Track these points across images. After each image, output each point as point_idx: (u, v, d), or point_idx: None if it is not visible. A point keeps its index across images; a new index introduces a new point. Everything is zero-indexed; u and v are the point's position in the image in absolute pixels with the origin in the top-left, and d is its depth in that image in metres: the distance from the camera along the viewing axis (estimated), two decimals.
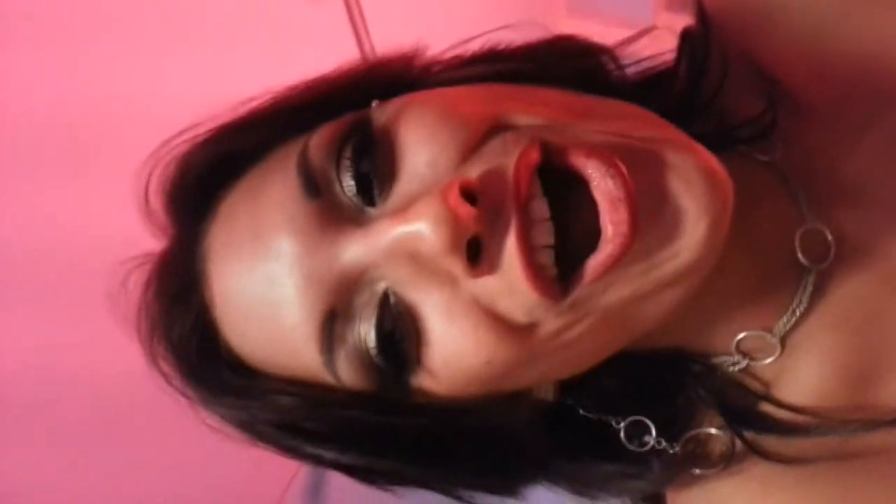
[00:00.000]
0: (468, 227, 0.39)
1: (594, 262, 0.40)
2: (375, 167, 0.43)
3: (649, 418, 0.51)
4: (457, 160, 0.42)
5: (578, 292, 0.41)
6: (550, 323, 0.42)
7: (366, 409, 0.46)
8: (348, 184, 0.44)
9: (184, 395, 0.50)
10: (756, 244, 0.50)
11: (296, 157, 0.45)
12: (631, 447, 0.51)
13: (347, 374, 0.45)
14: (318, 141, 0.45)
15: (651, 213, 0.40)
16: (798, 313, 0.50)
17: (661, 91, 0.54)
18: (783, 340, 0.50)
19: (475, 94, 0.47)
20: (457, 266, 0.40)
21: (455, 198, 0.39)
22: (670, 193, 0.40)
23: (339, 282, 0.43)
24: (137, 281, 0.52)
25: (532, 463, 0.52)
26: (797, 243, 0.49)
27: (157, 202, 0.51)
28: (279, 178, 0.45)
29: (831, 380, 0.50)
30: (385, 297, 0.43)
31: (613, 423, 0.51)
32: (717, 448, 0.51)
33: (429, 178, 0.42)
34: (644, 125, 0.44)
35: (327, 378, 0.45)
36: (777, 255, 0.50)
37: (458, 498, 0.50)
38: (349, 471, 0.49)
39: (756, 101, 0.53)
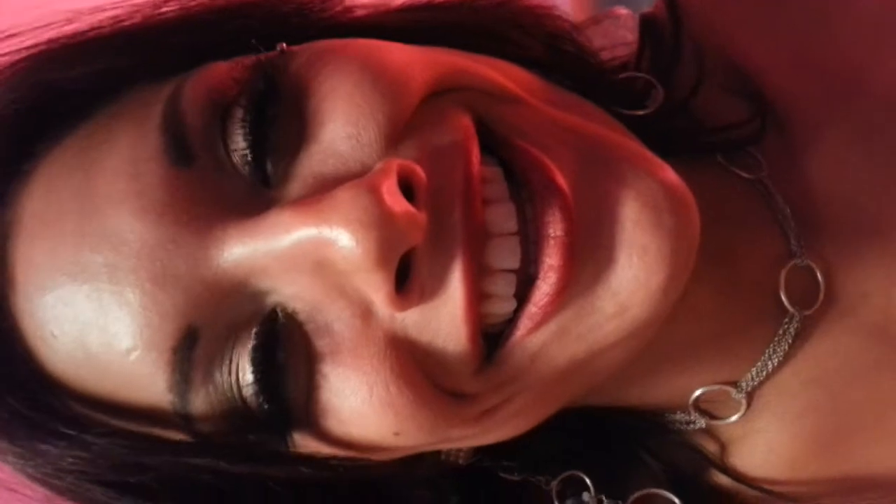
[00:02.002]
0: (407, 237, 0.30)
1: (523, 315, 0.34)
2: (277, 131, 0.33)
3: (586, 474, 0.44)
4: (388, 132, 0.33)
5: (505, 357, 0.34)
6: (483, 396, 0.35)
7: (225, 459, 0.35)
8: (238, 146, 0.33)
9: None
10: (729, 281, 0.43)
11: (161, 105, 0.34)
12: None
13: (206, 416, 0.34)
14: (197, 87, 0.34)
15: (593, 248, 0.33)
16: (771, 366, 0.43)
17: (617, 88, 0.47)
18: (750, 395, 0.44)
19: (413, 50, 0.37)
20: (379, 289, 0.31)
21: (393, 192, 0.30)
22: (620, 222, 0.33)
23: (209, 290, 0.32)
24: None
25: None
26: (782, 282, 0.42)
27: None
28: (131, 132, 0.34)
29: (801, 445, 0.44)
30: (273, 314, 0.33)
31: (543, 483, 0.44)
32: None
33: (349, 156, 0.33)
34: (603, 129, 0.37)
35: (174, 417, 0.34)
36: (754, 295, 0.43)
37: None
38: None
39: (735, 106, 0.46)
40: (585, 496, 0.43)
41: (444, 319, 0.32)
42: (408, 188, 0.31)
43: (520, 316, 0.33)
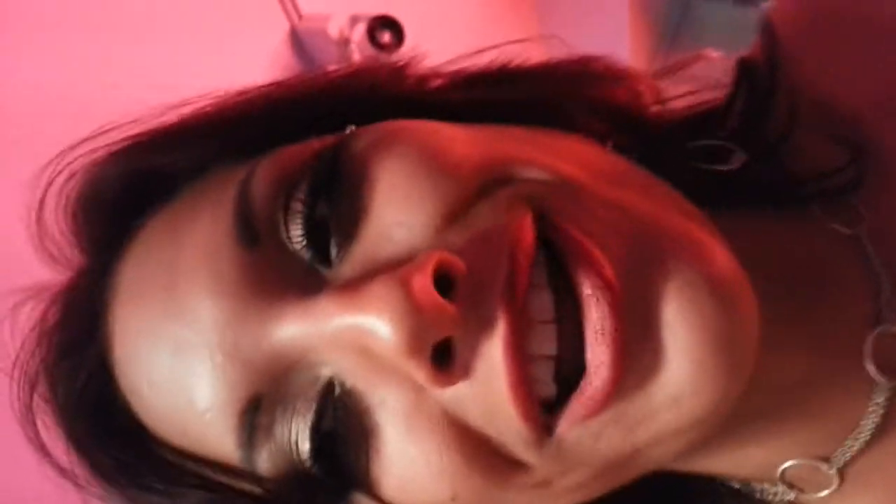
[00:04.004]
0: (436, 328, 0.31)
1: (576, 403, 0.33)
2: (337, 213, 0.34)
3: None
4: (438, 223, 0.33)
5: (564, 434, 0.33)
6: (540, 468, 0.34)
7: None
8: (296, 234, 0.35)
9: (64, 472, 0.40)
10: (813, 349, 0.40)
11: (234, 190, 0.36)
12: None
13: (271, 476, 0.35)
14: (266, 172, 0.36)
15: (641, 343, 0.32)
16: (863, 440, 0.40)
17: (705, 134, 0.44)
18: (842, 471, 0.41)
19: (473, 135, 0.37)
20: (418, 372, 0.31)
21: (424, 286, 0.30)
22: (664, 320, 0.32)
23: (270, 363, 0.34)
24: (16, 319, 0.42)
25: None
26: (869, 349, 0.39)
27: (52, 222, 0.42)
28: (210, 211, 0.36)
29: None
30: (329, 386, 0.34)
31: None
32: None
33: (400, 242, 0.33)
34: (661, 211, 0.35)
35: (245, 472, 0.36)
36: (842, 362, 0.40)
37: None
38: None
39: (832, 155, 0.43)
40: None
41: (495, 397, 0.32)
42: (448, 281, 0.31)
43: (573, 401, 0.33)
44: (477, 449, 0.33)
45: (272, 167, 0.36)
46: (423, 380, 0.31)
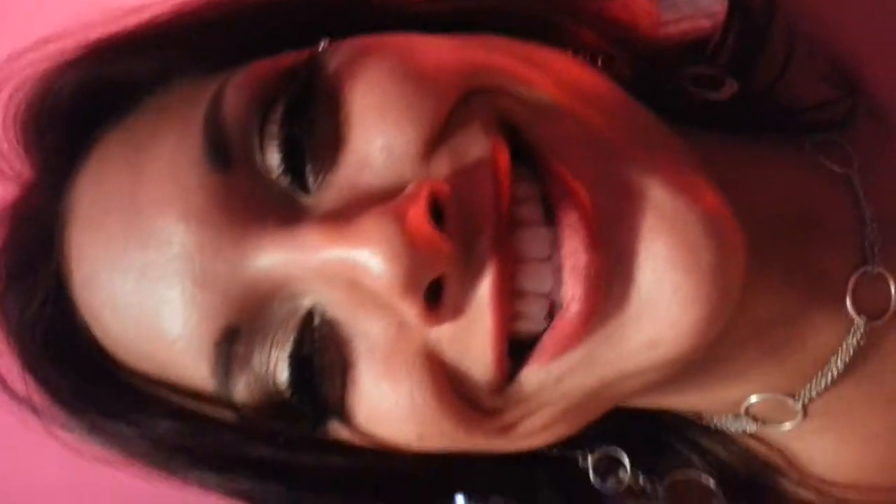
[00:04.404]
0: (431, 266, 0.30)
1: (548, 341, 0.33)
2: (313, 137, 0.33)
3: (624, 452, 0.43)
4: (419, 147, 0.32)
5: (528, 377, 0.33)
6: (505, 412, 0.34)
7: (263, 442, 0.37)
8: (272, 157, 0.33)
9: (20, 400, 0.39)
10: (795, 285, 0.39)
11: (203, 107, 0.34)
12: (601, 487, 0.43)
13: (247, 404, 0.35)
14: (237, 91, 0.34)
15: (620, 280, 0.31)
16: (832, 377, 0.40)
17: (697, 62, 0.43)
18: (806, 406, 0.41)
19: (457, 45, 0.36)
20: (410, 310, 0.31)
21: (419, 219, 0.30)
22: (651, 258, 0.31)
23: (247, 292, 0.33)
24: None
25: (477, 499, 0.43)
26: (850, 288, 0.39)
27: (2, 134, 0.40)
28: (176, 131, 0.34)
29: (855, 461, 0.41)
30: (309, 316, 0.33)
31: (580, 459, 0.43)
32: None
33: (383, 168, 0.32)
34: (649, 143, 0.34)
35: (219, 399, 0.35)
36: (820, 300, 0.40)
37: None
38: (240, 498, 0.40)
39: (827, 93, 0.43)
40: (622, 473, 0.43)
41: (475, 338, 0.32)
42: (437, 209, 0.30)
43: (544, 342, 0.33)
44: (450, 392, 0.33)
45: (244, 85, 0.34)
46: (413, 317, 0.31)
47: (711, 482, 0.42)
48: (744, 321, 0.37)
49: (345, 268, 0.31)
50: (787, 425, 0.42)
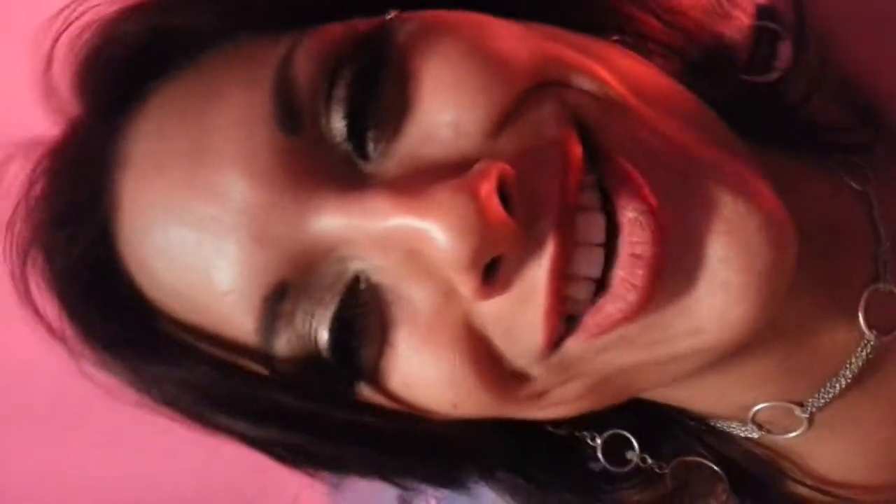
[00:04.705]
0: (497, 245, 0.31)
1: (591, 321, 0.33)
2: (378, 105, 0.33)
3: (632, 434, 0.44)
4: (487, 127, 0.33)
5: (570, 348, 0.34)
6: (540, 379, 0.35)
7: (299, 397, 0.37)
8: (336, 121, 0.33)
9: (60, 338, 0.39)
10: (814, 298, 0.40)
11: (273, 69, 0.34)
12: (610, 467, 0.44)
13: (286, 359, 0.35)
14: (309, 54, 0.34)
15: (675, 273, 0.32)
16: (839, 388, 0.41)
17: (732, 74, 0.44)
18: (812, 416, 0.42)
19: (526, 33, 0.36)
20: (466, 284, 0.31)
21: (491, 198, 0.30)
22: (706, 255, 0.32)
23: (302, 252, 0.34)
24: (18, 175, 0.40)
25: (485, 471, 0.45)
26: (863, 303, 0.41)
27: (62, 76, 0.39)
28: (245, 90, 0.34)
29: (857, 467, 0.43)
30: (355, 281, 0.34)
31: (588, 439, 0.44)
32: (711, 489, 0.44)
33: (448, 144, 0.33)
34: (710, 141, 0.35)
35: (258, 354, 0.36)
36: (836, 312, 0.41)
37: (397, 485, 0.44)
38: (265, 450, 0.40)
39: (849, 118, 0.45)
40: (629, 454, 0.44)
41: (525, 317, 0.33)
42: (504, 190, 0.31)
43: (592, 317, 0.33)
44: (489, 364, 0.34)
45: (315, 49, 0.34)
46: (468, 291, 0.31)
47: (717, 468, 0.44)
48: (766, 325, 0.38)
49: (408, 236, 0.31)
50: (792, 434, 0.43)
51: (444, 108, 0.33)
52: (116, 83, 0.38)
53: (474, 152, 0.32)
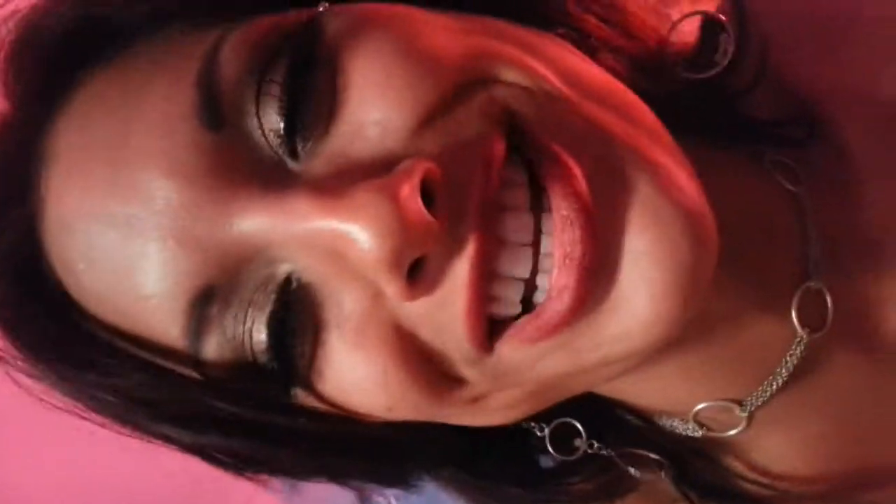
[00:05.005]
0: (419, 245, 0.30)
1: (529, 325, 0.33)
2: (310, 105, 0.32)
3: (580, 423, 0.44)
4: (414, 125, 0.32)
5: (506, 355, 0.34)
6: (476, 384, 0.35)
7: (233, 402, 0.36)
8: (271, 120, 0.33)
9: None
10: (744, 296, 0.41)
11: (199, 61, 0.33)
12: (558, 455, 0.44)
13: (216, 363, 0.35)
14: (237, 46, 0.33)
15: (602, 271, 0.32)
16: (776, 386, 0.42)
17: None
18: (751, 414, 0.43)
19: (459, 27, 0.35)
20: (390, 285, 0.31)
21: (412, 199, 0.30)
22: (632, 251, 0.32)
23: (226, 254, 0.33)
24: None
25: (430, 468, 0.45)
26: (795, 301, 0.41)
27: None
28: (168, 83, 0.34)
29: (796, 459, 0.43)
30: (287, 281, 0.33)
31: (536, 430, 0.44)
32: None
33: (375, 141, 0.32)
34: (640, 131, 0.35)
35: (188, 358, 0.35)
36: (768, 309, 0.41)
37: (342, 485, 0.43)
38: (204, 457, 0.39)
39: (785, 114, 0.45)
40: (577, 442, 0.44)
41: (448, 315, 0.32)
42: (427, 189, 0.30)
43: (526, 326, 0.33)
44: (420, 366, 0.33)
45: (243, 42, 0.33)
46: (393, 292, 0.31)
47: (660, 457, 0.44)
48: (699, 327, 0.38)
49: (331, 238, 0.31)
50: (732, 431, 0.43)
51: (372, 107, 0.32)
52: (43, 74, 0.37)
53: (400, 151, 0.32)
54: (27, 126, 0.37)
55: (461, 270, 0.31)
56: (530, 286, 0.33)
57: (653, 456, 0.44)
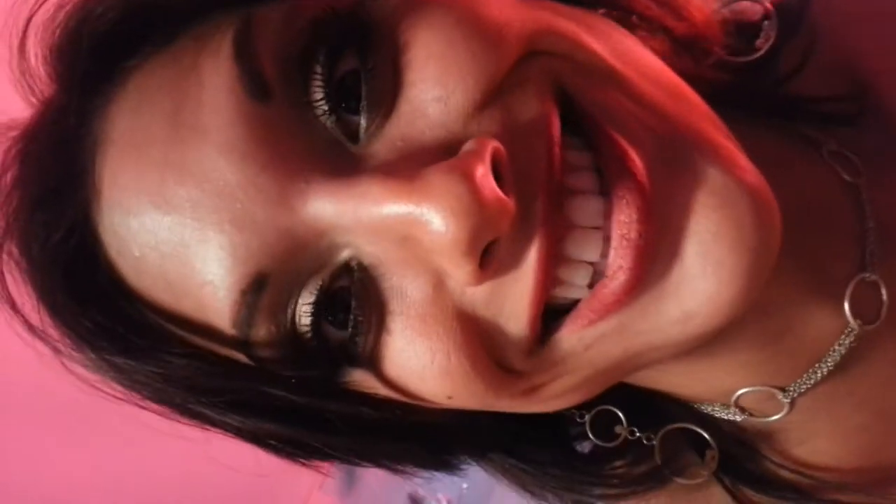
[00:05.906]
0: (495, 227, 0.30)
1: (585, 307, 0.33)
2: (368, 83, 0.32)
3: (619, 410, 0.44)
4: (478, 99, 0.32)
5: (563, 341, 0.34)
6: (533, 375, 0.35)
7: (287, 387, 0.36)
8: (316, 98, 0.32)
9: (35, 332, 0.38)
10: (800, 283, 0.40)
11: (232, 30, 0.33)
12: (599, 442, 0.44)
13: (266, 351, 0.34)
14: (274, 18, 0.33)
15: (664, 252, 0.31)
16: (821, 374, 0.41)
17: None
18: (793, 401, 0.42)
19: (515, 3, 0.35)
20: (461, 269, 0.30)
21: (487, 179, 0.29)
22: (699, 232, 0.31)
23: (284, 239, 0.32)
24: None
25: (478, 453, 0.45)
26: (848, 293, 0.40)
27: (36, 55, 0.38)
28: (213, 60, 0.33)
29: (834, 451, 0.43)
30: (346, 266, 0.33)
31: (577, 416, 0.44)
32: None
33: (435, 120, 0.32)
34: (698, 118, 0.35)
35: (241, 343, 0.35)
36: (821, 298, 0.41)
37: (389, 469, 0.43)
38: (258, 442, 0.39)
39: (837, 92, 0.45)
40: (618, 428, 0.44)
41: (512, 299, 0.32)
42: (496, 170, 0.30)
43: (581, 308, 0.32)
44: (482, 355, 0.33)
45: (285, 15, 0.33)
46: (463, 275, 0.31)
47: (706, 434, 0.44)
48: (753, 313, 0.37)
49: (404, 223, 0.30)
50: (774, 417, 0.43)
51: (436, 82, 0.32)
52: (93, 62, 0.37)
53: (460, 130, 0.31)
54: (78, 113, 0.37)
55: (531, 253, 0.31)
56: (599, 270, 0.33)
57: (696, 429, 0.44)
